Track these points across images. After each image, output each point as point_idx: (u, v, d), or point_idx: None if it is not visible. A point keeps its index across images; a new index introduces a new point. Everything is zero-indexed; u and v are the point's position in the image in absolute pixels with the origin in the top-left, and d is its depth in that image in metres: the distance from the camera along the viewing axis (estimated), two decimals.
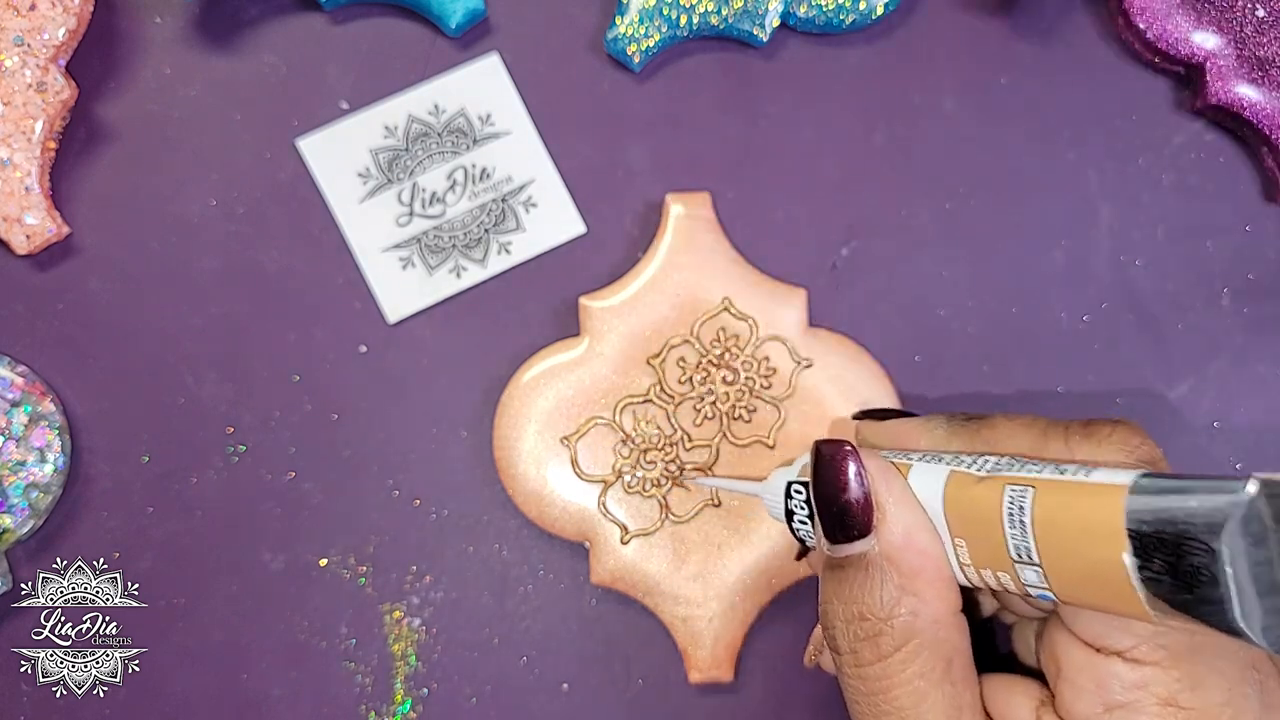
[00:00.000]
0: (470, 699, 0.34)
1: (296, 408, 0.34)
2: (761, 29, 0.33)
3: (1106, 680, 0.21)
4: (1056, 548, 0.20)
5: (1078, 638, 0.22)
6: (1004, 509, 0.21)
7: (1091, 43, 0.35)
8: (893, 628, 0.22)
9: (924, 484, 0.23)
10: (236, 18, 0.34)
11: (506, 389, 0.33)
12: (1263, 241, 0.34)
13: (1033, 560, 0.20)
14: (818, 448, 0.23)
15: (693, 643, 0.32)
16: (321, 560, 0.34)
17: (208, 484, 0.34)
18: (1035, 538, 0.20)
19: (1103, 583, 0.19)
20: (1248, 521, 0.17)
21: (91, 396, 0.34)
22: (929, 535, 0.22)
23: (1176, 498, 0.18)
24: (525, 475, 0.32)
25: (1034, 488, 0.20)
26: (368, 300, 0.34)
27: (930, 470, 0.23)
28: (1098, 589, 0.19)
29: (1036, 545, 0.20)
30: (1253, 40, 0.33)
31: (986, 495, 0.21)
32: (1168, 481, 0.18)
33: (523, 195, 0.34)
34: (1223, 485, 0.17)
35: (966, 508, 0.22)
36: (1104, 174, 0.34)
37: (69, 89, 0.33)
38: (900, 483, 0.23)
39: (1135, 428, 0.22)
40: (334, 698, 0.34)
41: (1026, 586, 0.21)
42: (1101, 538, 0.19)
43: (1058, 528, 0.20)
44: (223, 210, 0.34)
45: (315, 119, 0.34)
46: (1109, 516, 0.18)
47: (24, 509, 0.33)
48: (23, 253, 0.33)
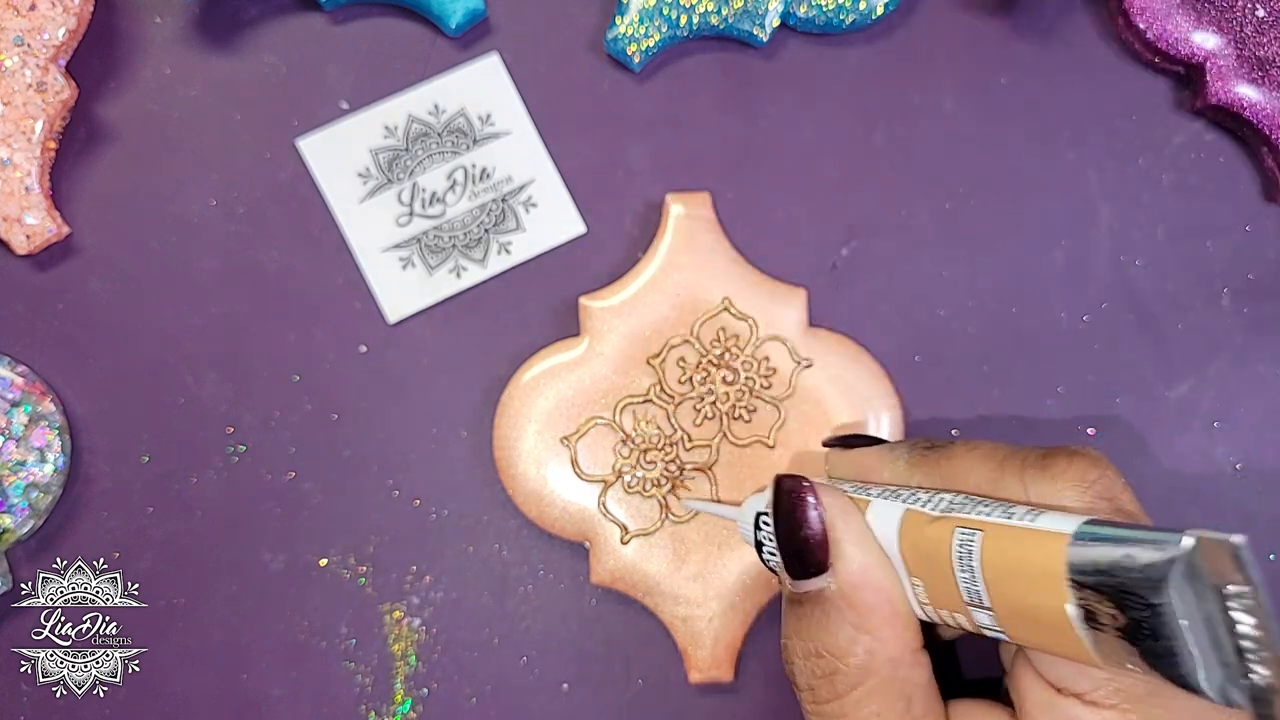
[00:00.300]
0: (470, 699, 0.34)
1: (296, 408, 0.34)
2: (761, 29, 0.33)
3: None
4: (1005, 593, 0.20)
5: (1041, 677, 0.22)
6: (953, 552, 0.21)
7: (1091, 43, 0.35)
8: (849, 666, 0.22)
9: (881, 521, 0.23)
10: (236, 18, 0.34)
11: (506, 389, 0.33)
12: (1263, 241, 0.34)
13: (984, 604, 0.20)
14: (777, 483, 0.23)
15: (693, 643, 0.32)
16: (321, 560, 0.34)
17: (208, 484, 0.34)
18: (985, 582, 0.20)
19: (1051, 629, 0.19)
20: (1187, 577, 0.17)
21: (91, 396, 0.34)
22: (886, 573, 0.22)
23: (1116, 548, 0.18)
24: (525, 475, 0.32)
25: (982, 531, 0.20)
26: (368, 300, 0.34)
27: (887, 508, 0.23)
28: (1047, 635, 0.19)
29: (986, 590, 0.20)
30: (1253, 40, 0.33)
31: (938, 536, 0.21)
32: (1109, 531, 0.18)
33: (523, 195, 0.34)
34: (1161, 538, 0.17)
35: (921, 548, 0.22)
36: (1104, 174, 0.34)
37: (69, 89, 0.33)
38: (858, 520, 0.23)
39: (1095, 459, 0.22)
40: (334, 698, 0.34)
41: (981, 629, 0.21)
42: (1046, 586, 0.18)
43: (1005, 573, 0.20)
44: (223, 210, 0.34)
45: (315, 119, 0.34)
46: (1052, 565, 0.18)
47: (24, 509, 0.33)
48: (23, 253, 0.33)
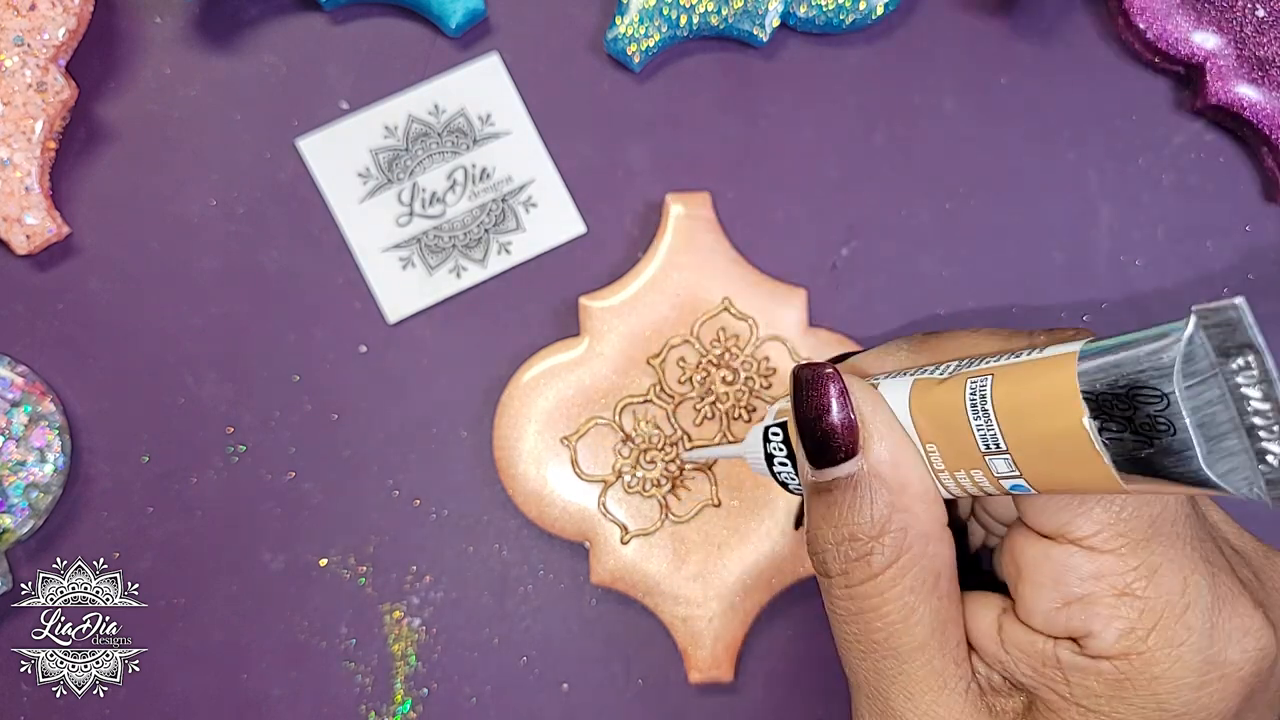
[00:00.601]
0: (470, 699, 0.34)
1: (296, 408, 0.34)
2: (761, 29, 0.33)
3: (1063, 574, 0.21)
4: (1020, 429, 0.20)
5: (1036, 533, 0.22)
6: (966, 402, 0.21)
7: (1091, 43, 0.35)
8: (884, 545, 0.22)
9: (891, 399, 0.23)
10: (236, 18, 0.34)
11: (506, 389, 0.33)
12: (1263, 241, 0.34)
13: (1001, 448, 0.20)
14: (797, 373, 0.23)
15: (693, 643, 0.32)
16: (321, 560, 0.34)
17: (208, 484, 0.34)
18: (999, 423, 0.20)
19: (1069, 456, 0.19)
20: (1190, 360, 0.17)
21: (91, 396, 0.34)
22: (912, 451, 0.22)
23: (1125, 352, 0.18)
24: (525, 475, 0.32)
25: (992, 375, 0.20)
26: (368, 300, 0.34)
27: (895, 385, 0.23)
28: (1065, 464, 0.19)
29: (1001, 431, 0.20)
30: (1253, 40, 0.33)
31: (950, 394, 0.21)
32: (1115, 340, 0.18)
33: (523, 195, 0.34)
34: (1165, 329, 0.18)
35: (933, 411, 0.22)
36: (1104, 174, 0.34)
37: (69, 89, 0.33)
38: (880, 400, 0.23)
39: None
40: (334, 698, 0.34)
41: (1000, 479, 0.21)
42: (1060, 408, 0.19)
43: (1019, 408, 0.20)
44: (223, 210, 0.34)
45: (315, 119, 0.34)
46: (1064, 385, 0.19)
47: (24, 509, 0.33)
48: (23, 253, 0.33)
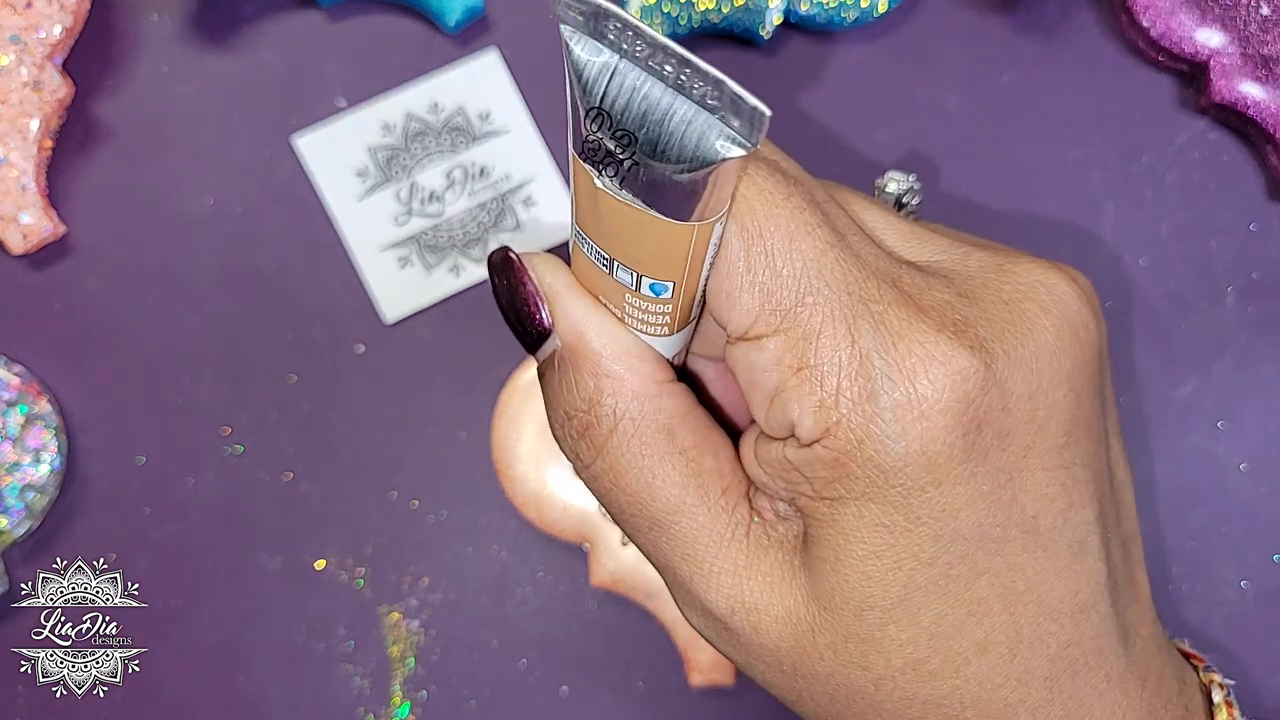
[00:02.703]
0: (469, 701, 0.34)
1: (294, 408, 0.34)
2: (763, 26, 0.33)
3: (753, 373, 0.21)
4: (599, 228, 0.20)
5: (731, 340, 0.21)
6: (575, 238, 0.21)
7: (1095, 40, 0.34)
8: (598, 417, 0.21)
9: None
10: (234, 15, 0.34)
11: (505, 389, 0.32)
12: (1267, 240, 0.34)
13: (605, 257, 0.20)
14: (488, 261, 0.23)
15: (693, 645, 0.32)
16: (319, 562, 0.34)
17: (205, 485, 0.34)
18: (590, 236, 0.20)
19: (628, 225, 0.19)
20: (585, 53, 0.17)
21: (88, 396, 0.34)
22: (600, 314, 0.22)
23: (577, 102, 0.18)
24: (524, 476, 0.32)
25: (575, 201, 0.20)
26: (365, 300, 0.34)
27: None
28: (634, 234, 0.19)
29: (594, 240, 0.20)
30: (1257, 38, 0.32)
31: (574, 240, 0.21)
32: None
33: (522, 194, 0.34)
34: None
35: (579, 263, 0.22)
36: (1108, 172, 0.34)
37: (65, 87, 0.32)
38: (563, 271, 0.22)
39: None
40: (332, 700, 0.34)
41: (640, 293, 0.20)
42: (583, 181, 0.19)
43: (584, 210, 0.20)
44: (220, 209, 0.34)
45: (313, 117, 0.34)
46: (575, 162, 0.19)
47: (20, 510, 0.32)
48: (19, 252, 0.32)
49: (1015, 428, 0.20)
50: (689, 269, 0.20)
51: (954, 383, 0.19)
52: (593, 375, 0.21)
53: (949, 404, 0.19)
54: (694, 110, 0.17)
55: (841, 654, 0.21)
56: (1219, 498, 0.33)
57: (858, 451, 0.20)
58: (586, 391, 0.22)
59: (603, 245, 0.20)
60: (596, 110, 0.18)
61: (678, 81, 0.17)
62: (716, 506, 0.22)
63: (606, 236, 0.20)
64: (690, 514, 0.22)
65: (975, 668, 0.21)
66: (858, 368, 0.19)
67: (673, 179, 0.18)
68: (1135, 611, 0.23)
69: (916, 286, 0.21)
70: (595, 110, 0.18)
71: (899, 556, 0.20)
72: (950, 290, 0.21)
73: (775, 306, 0.20)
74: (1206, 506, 0.34)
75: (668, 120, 0.17)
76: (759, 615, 0.22)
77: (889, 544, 0.20)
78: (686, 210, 0.18)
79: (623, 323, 0.22)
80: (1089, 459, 0.22)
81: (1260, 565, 0.33)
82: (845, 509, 0.20)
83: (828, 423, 0.20)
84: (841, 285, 0.20)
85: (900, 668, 0.21)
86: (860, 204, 0.23)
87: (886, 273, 0.20)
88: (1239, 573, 0.33)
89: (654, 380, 0.22)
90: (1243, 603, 0.33)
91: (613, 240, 0.20)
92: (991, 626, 0.21)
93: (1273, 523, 0.34)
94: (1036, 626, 0.21)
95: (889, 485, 0.20)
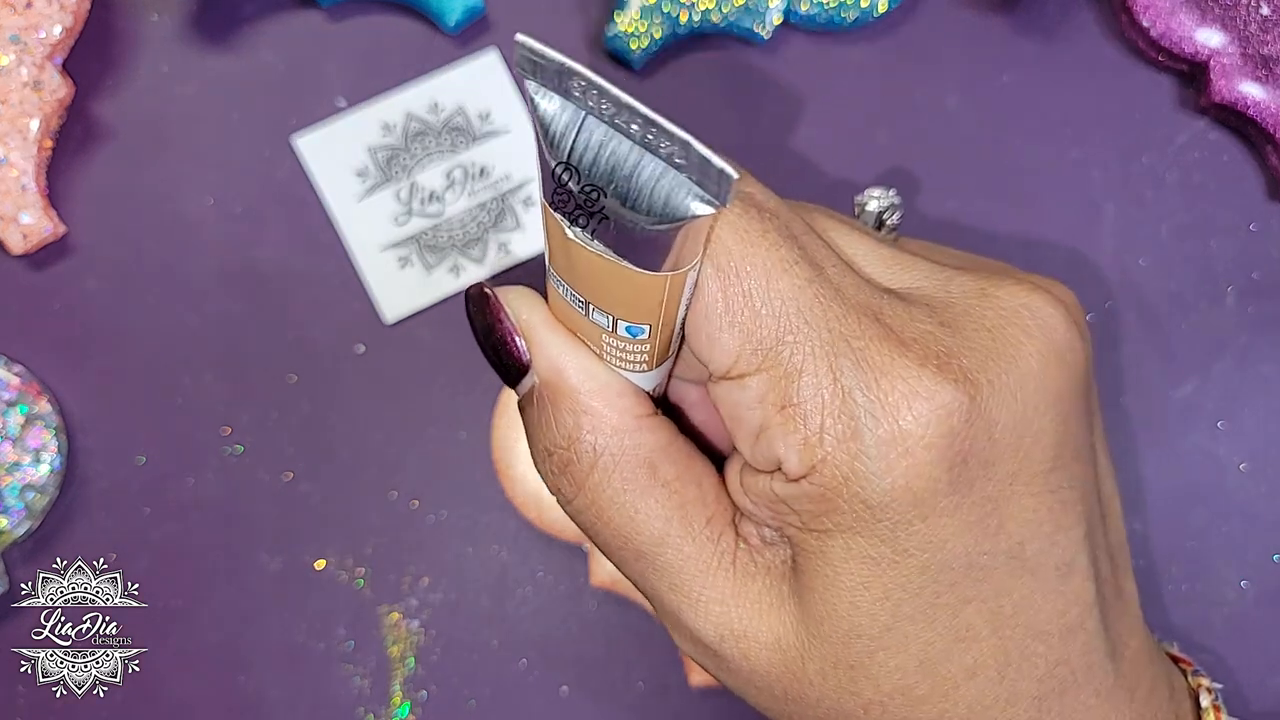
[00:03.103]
0: (469, 701, 0.34)
1: (294, 408, 0.34)
2: (763, 26, 0.33)
3: (737, 411, 0.21)
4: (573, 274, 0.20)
5: (714, 378, 0.21)
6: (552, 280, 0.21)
7: (1095, 40, 0.34)
8: (578, 454, 0.21)
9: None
10: (234, 15, 0.34)
11: (505, 389, 0.32)
12: (1267, 240, 0.34)
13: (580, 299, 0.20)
14: (465, 295, 0.23)
15: None
16: (319, 562, 0.34)
17: (205, 485, 0.34)
18: (566, 279, 0.20)
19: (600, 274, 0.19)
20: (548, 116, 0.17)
21: (88, 396, 0.34)
22: (577, 349, 0.22)
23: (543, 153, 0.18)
24: (524, 477, 0.32)
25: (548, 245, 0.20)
26: (365, 300, 0.34)
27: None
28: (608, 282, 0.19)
29: (569, 284, 0.20)
30: (1257, 38, 0.32)
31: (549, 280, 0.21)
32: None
33: (522, 194, 0.34)
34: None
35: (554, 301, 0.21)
36: (1107, 172, 0.34)
37: (65, 87, 0.32)
38: (539, 306, 0.22)
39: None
40: (332, 700, 0.34)
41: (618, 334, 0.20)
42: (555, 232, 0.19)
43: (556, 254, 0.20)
44: (220, 209, 0.34)
45: (313, 117, 0.34)
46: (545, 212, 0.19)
47: (20, 510, 0.32)
48: (19, 252, 0.32)
49: (1000, 456, 0.20)
50: (664, 313, 0.20)
51: (938, 418, 0.19)
52: (571, 412, 0.21)
53: (933, 439, 0.19)
54: (662, 168, 0.17)
55: (831, 680, 0.21)
56: (1219, 498, 0.33)
57: (844, 488, 0.20)
58: (565, 428, 0.21)
59: (577, 289, 0.20)
60: (565, 164, 0.17)
61: (645, 139, 0.17)
62: (701, 536, 0.22)
63: (581, 281, 0.20)
64: (675, 545, 0.22)
65: (964, 691, 0.21)
66: (840, 405, 0.19)
67: (644, 231, 0.17)
68: (1124, 624, 0.23)
69: (898, 318, 0.20)
70: (564, 164, 0.17)
71: (886, 588, 0.20)
72: (932, 320, 0.21)
73: (756, 346, 0.20)
74: (1206, 506, 0.33)
75: (635, 177, 0.17)
76: (748, 642, 0.22)
77: (876, 576, 0.20)
78: (658, 261, 0.18)
79: (601, 359, 0.22)
80: (1075, 480, 0.22)
81: (1260, 565, 0.33)
82: (833, 541, 0.20)
83: (813, 460, 0.20)
84: (821, 322, 0.20)
85: (889, 693, 0.21)
86: (839, 230, 0.22)
87: (867, 305, 0.20)
88: (1239, 573, 0.33)
89: (633, 415, 0.22)
90: (1243, 603, 0.33)
91: (587, 286, 0.20)
92: (980, 651, 0.21)
93: (1273, 523, 0.33)
94: (1024, 648, 0.21)
95: (875, 520, 0.20)
